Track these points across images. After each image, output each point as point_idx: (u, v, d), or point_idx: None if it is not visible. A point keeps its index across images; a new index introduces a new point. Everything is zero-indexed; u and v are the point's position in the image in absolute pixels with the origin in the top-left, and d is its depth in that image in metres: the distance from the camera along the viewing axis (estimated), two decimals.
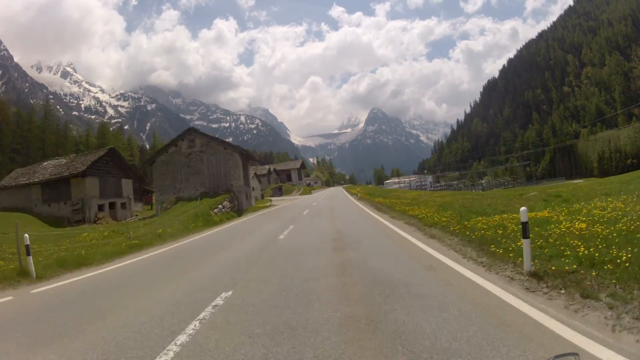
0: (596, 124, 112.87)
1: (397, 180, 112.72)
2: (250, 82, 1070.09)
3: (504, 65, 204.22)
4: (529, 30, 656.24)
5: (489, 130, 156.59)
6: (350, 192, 47.86)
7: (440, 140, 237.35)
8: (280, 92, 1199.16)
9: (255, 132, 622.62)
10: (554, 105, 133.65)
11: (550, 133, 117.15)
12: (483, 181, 77.88)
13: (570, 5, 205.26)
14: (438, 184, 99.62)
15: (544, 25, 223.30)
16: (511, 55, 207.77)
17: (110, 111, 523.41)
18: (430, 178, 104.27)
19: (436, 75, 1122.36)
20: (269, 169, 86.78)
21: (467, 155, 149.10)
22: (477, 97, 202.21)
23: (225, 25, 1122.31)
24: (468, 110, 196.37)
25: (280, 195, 65.00)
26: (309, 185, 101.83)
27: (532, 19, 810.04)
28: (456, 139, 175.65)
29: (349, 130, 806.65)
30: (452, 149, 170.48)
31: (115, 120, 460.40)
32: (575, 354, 1.42)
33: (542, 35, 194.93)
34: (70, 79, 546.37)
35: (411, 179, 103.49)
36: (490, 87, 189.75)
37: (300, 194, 63.55)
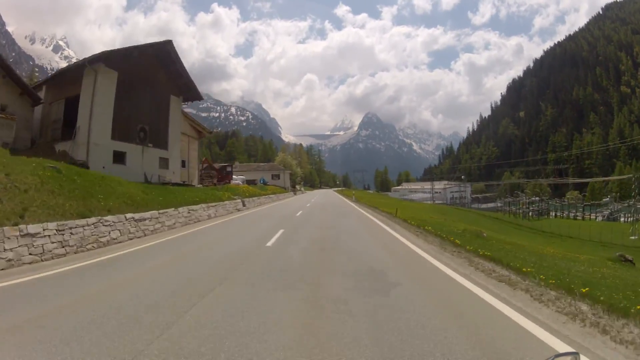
0: None
1: (416, 186, 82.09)
2: (245, 74, 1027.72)
3: (528, 67, 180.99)
4: (534, 49, 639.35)
5: (523, 133, 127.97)
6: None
7: (448, 145, 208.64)
8: (276, 87, 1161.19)
9: (244, 124, 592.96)
10: (615, 107, 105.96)
11: (618, 139, 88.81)
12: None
13: (598, 13, 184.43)
14: (476, 197, 69.38)
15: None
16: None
17: None
18: (469, 188, 72.35)
19: (436, 85, 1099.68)
20: None
21: (494, 163, 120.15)
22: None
23: (226, 13, 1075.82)
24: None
25: None
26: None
27: (539, 37, 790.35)
28: (478, 143, 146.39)
29: (341, 132, 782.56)
30: (474, 154, 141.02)
31: None
32: (575, 354, 1.38)
33: (573, 37, 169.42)
34: (62, 54, 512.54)
35: (445, 186, 70.69)
36: (516, 87, 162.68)
37: None
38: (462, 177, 77.85)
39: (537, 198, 52.15)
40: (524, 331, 3.43)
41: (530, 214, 44.75)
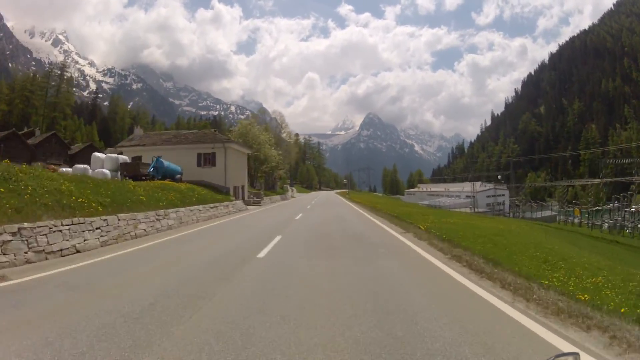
0: None
1: (437, 188, 72.11)
2: (247, 72, 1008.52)
3: (543, 61, 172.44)
4: (538, 50, 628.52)
5: (547, 129, 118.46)
6: None
7: (451, 147, 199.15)
8: (277, 86, 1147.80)
9: None
10: None
11: None
12: None
13: (610, 9, 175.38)
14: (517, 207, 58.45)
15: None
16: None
17: (93, 86, 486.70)
18: (507, 192, 61.20)
19: (439, 85, 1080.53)
20: None
21: (516, 161, 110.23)
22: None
23: (227, 11, 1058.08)
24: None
25: None
26: None
27: (542, 39, 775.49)
28: (495, 140, 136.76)
29: (342, 132, 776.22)
30: (492, 152, 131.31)
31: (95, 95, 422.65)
32: (575, 354, 1.38)
33: (589, 31, 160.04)
34: (61, 47, 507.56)
35: (495, 187, 59.17)
36: (533, 81, 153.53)
37: None
38: (499, 176, 67.75)
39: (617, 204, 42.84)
40: None
41: None
